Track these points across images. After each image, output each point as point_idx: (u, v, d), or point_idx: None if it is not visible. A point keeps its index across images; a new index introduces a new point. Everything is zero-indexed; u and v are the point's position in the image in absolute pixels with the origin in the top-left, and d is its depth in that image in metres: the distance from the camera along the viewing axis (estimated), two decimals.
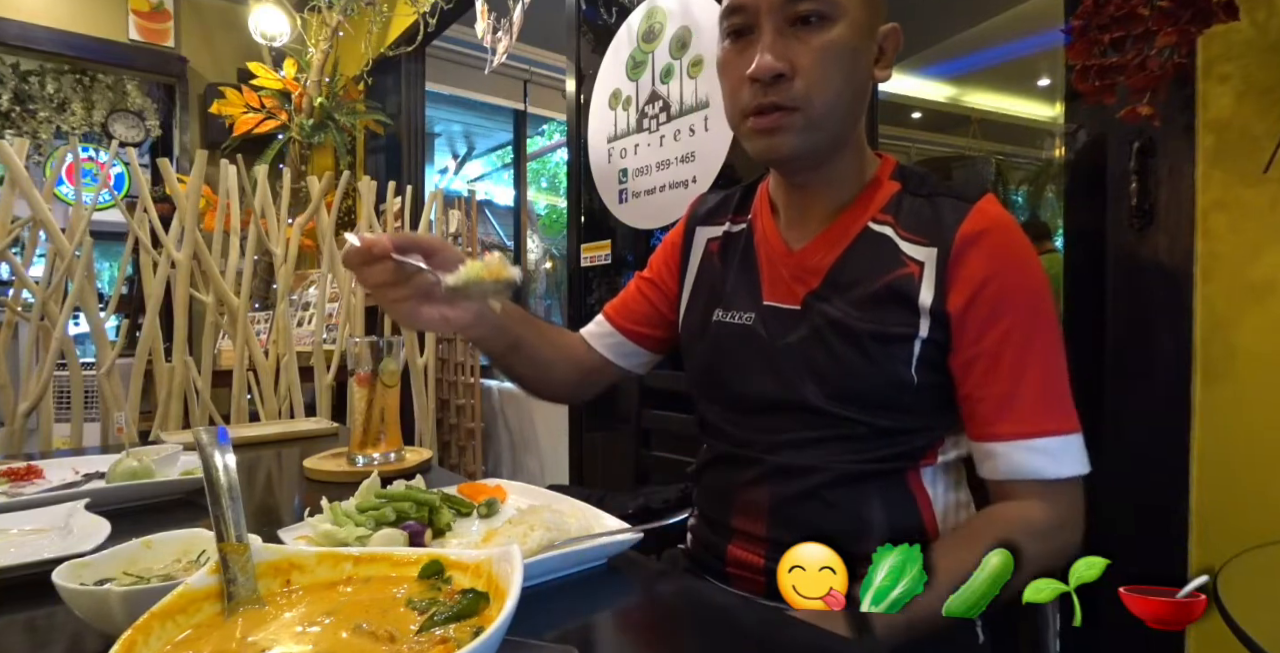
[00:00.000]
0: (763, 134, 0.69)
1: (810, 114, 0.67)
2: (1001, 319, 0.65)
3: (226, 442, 0.41)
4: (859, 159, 0.75)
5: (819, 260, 0.73)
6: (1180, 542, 0.90)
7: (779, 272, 0.76)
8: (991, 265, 0.65)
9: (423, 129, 3.33)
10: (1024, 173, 5.83)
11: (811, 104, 0.67)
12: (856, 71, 0.69)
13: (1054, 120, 5.68)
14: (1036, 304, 0.66)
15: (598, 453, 2.11)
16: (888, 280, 0.68)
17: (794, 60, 0.66)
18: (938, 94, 5.39)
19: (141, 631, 0.33)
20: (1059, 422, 0.64)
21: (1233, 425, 0.87)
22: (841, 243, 0.72)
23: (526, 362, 0.83)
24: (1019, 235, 0.68)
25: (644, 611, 0.56)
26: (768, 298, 0.76)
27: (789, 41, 0.66)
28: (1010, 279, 0.65)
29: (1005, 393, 0.65)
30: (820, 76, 0.66)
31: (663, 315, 0.89)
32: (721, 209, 0.87)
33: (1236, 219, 0.86)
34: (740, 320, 0.77)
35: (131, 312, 3.70)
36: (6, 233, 1.48)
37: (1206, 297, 0.89)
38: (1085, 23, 0.80)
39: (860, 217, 0.72)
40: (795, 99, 0.66)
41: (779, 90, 0.66)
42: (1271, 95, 0.82)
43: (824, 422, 0.70)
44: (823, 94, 0.67)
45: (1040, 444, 0.64)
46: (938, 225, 0.68)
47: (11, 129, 4.02)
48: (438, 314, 0.66)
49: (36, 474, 0.85)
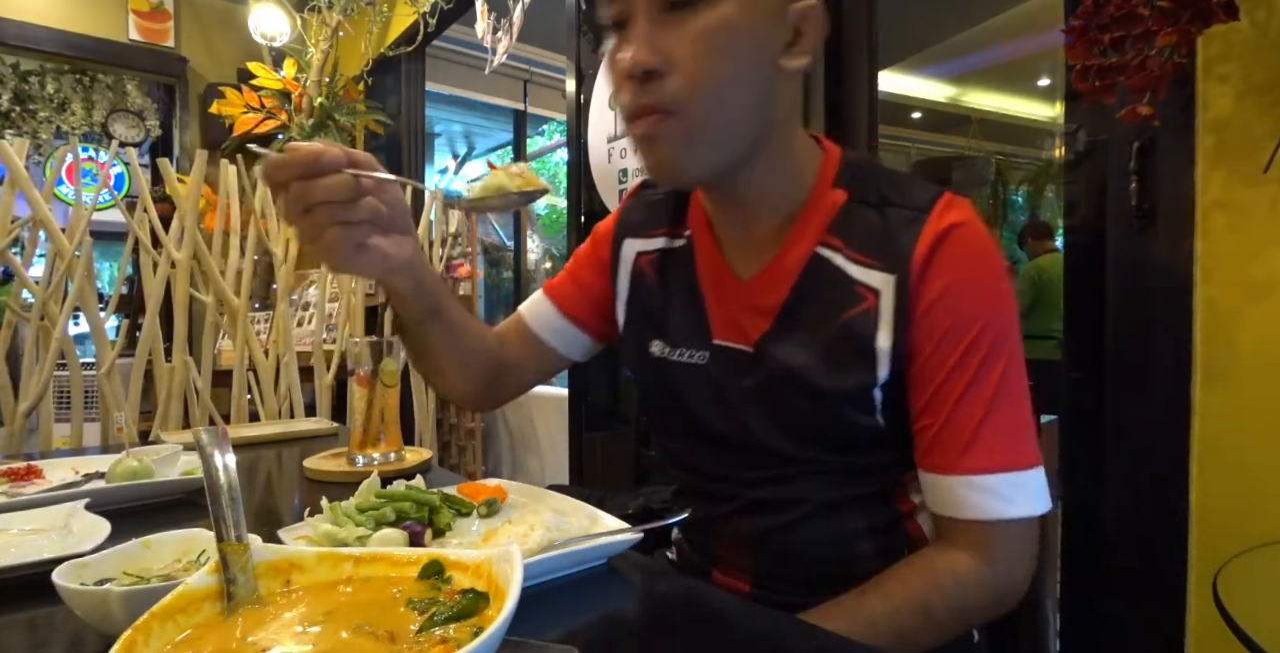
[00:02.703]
0: (641, 144, 0.59)
1: (691, 118, 0.56)
2: (957, 345, 0.58)
3: (226, 441, 0.41)
4: (789, 165, 0.64)
5: (770, 297, 0.65)
6: (1180, 542, 0.90)
7: (729, 307, 0.68)
8: (950, 286, 0.58)
9: (423, 129, 3.34)
10: (1024, 173, 5.84)
11: (691, 106, 0.56)
12: (753, 61, 0.57)
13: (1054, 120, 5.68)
14: (998, 331, 0.59)
15: (597, 453, 2.11)
16: (844, 320, 0.61)
17: (670, 52, 0.55)
18: (938, 94, 5.39)
19: (141, 630, 0.32)
20: (1011, 457, 0.58)
21: (1233, 426, 0.87)
22: (792, 274, 0.64)
23: (445, 336, 0.71)
24: (980, 245, 0.60)
25: (644, 611, 0.56)
26: (718, 336, 0.68)
27: (665, 30, 0.55)
28: (968, 302, 0.58)
29: (951, 423, 0.58)
30: (700, 70, 0.55)
31: (603, 311, 0.80)
32: (654, 218, 0.76)
33: (1236, 219, 0.86)
34: (692, 359, 0.69)
35: (131, 312, 3.70)
36: (6, 233, 1.48)
37: (1207, 297, 0.89)
38: (1085, 23, 0.80)
39: (807, 238, 0.63)
40: (672, 100, 0.56)
41: (652, 90, 0.56)
42: (1271, 95, 0.82)
43: (795, 461, 0.65)
44: (705, 92, 0.55)
45: (983, 482, 0.57)
46: (891, 245, 0.60)
47: (11, 129, 4.03)
48: (380, 251, 0.54)
49: (36, 474, 0.85)
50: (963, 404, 0.58)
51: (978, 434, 0.58)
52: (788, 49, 0.59)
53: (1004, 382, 0.58)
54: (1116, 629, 0.99)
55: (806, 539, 0.66)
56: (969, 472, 0.58)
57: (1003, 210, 5.60)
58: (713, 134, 0.58)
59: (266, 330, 2.05)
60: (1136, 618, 0.96)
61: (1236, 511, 0.86)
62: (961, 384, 0.58)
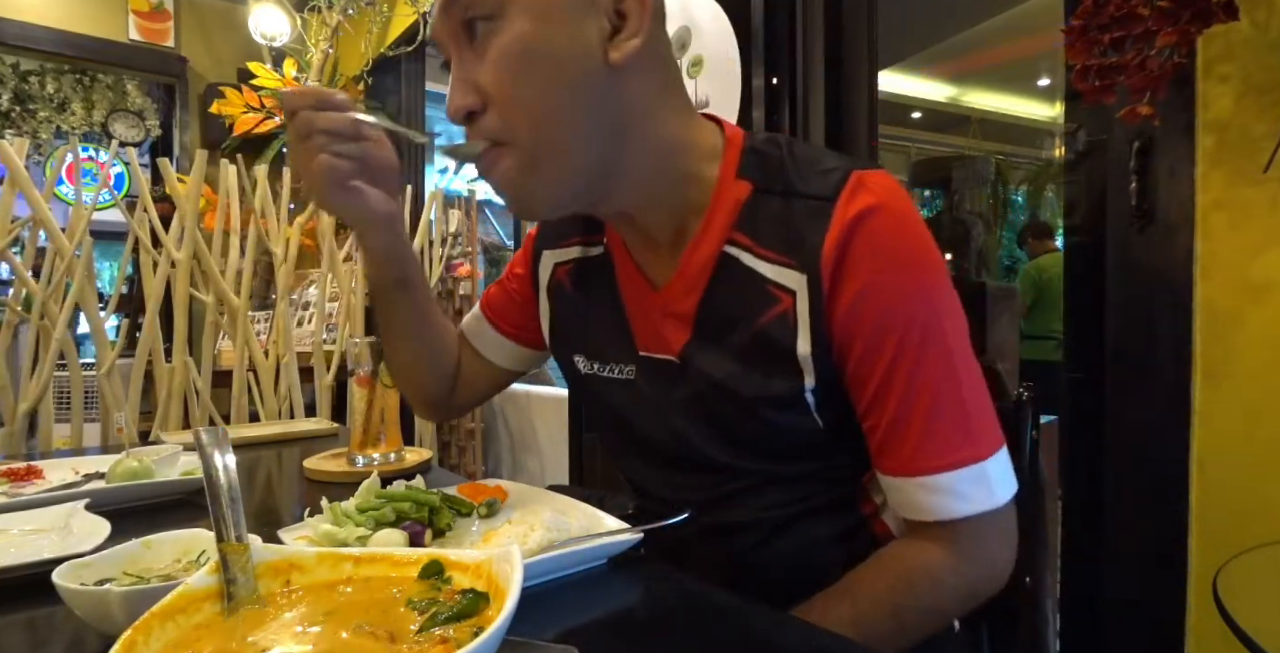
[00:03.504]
0: (489, 182, 0.56)
1: (521, 146, 0.53)
2: (886, 342, 0.54)
3: (226, 441, 0.41)
4: (665, 163, 0.58)
5: (684, 303, 0.61)
6: (1180, 542, 0.90)
7: (649, 316, 0.65)
8: (868, 285, 0.54)
9: (422, 129, 3.34)
10: (1024, 173, 5.84)
11: (518, 134, 0.53)
12: (568, 71, 0.52)
13: (1054, 120, 5.68)
14: (927, 321, 0.54)
15: (597, 453, 2.10)
16: (760, 325, 0.57)
17: (482, 85, 0.52)
18: (938, 94, 5.40)
19: (142, 630, 0.33)
20: (964, 450, 0.54)
21: (1233, 426, 0.87)
22: (703, 277, 0.60)
23: (411, 314, 0.73)
24: (894, 231, 0.55)
25: (644, 611, 0.56)
26: (643, 348, 0.65)
27: (474, 64, 0.53)
28: (890, 298, 0.54)
29: (898, 422, 0.55)
30: (508, 98, 0.52)
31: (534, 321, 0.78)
32: (568, 227, 0.72)
33: (1236, 219, 0.86)
34: (620, 374, 0.67)
35: (131, 312, 3.70)
36: (6, 233, 1.48)
37: (1206, 297, 0.89)
38: (1085, 23, 0.80)
39: (711, 238, 0.59)
40: (498, 134, 0.53)
41: (479, 128, 0.54)
42: (1271, 95, 0.82)
43: (741, 475, 0.63)
44: (522, 120, 0.52)
45: (938, 482, 0.54)
46: (800, 241, 0.55)
47: (11, 129, 4.03)
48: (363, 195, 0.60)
49: (36, 474, 0.85)
50: (906, 401, 0.55)
51: (926, 432, 0.55)
52: (612, 39, 0.53)
53: (946, 372, 0.55)
54: (1116, 629, 0.99)
55: (773, 558, 0.64)
56: (922, 473, 0.55)
57: (1003, 210, 5.60)
58: (550, 157, 0.54)
59: (266, 330, 2.05)
60: (1136, 618, 0.96)
61: (1236, 510, 0.86)
62: (900, 381, 0.55)
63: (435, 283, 2.32)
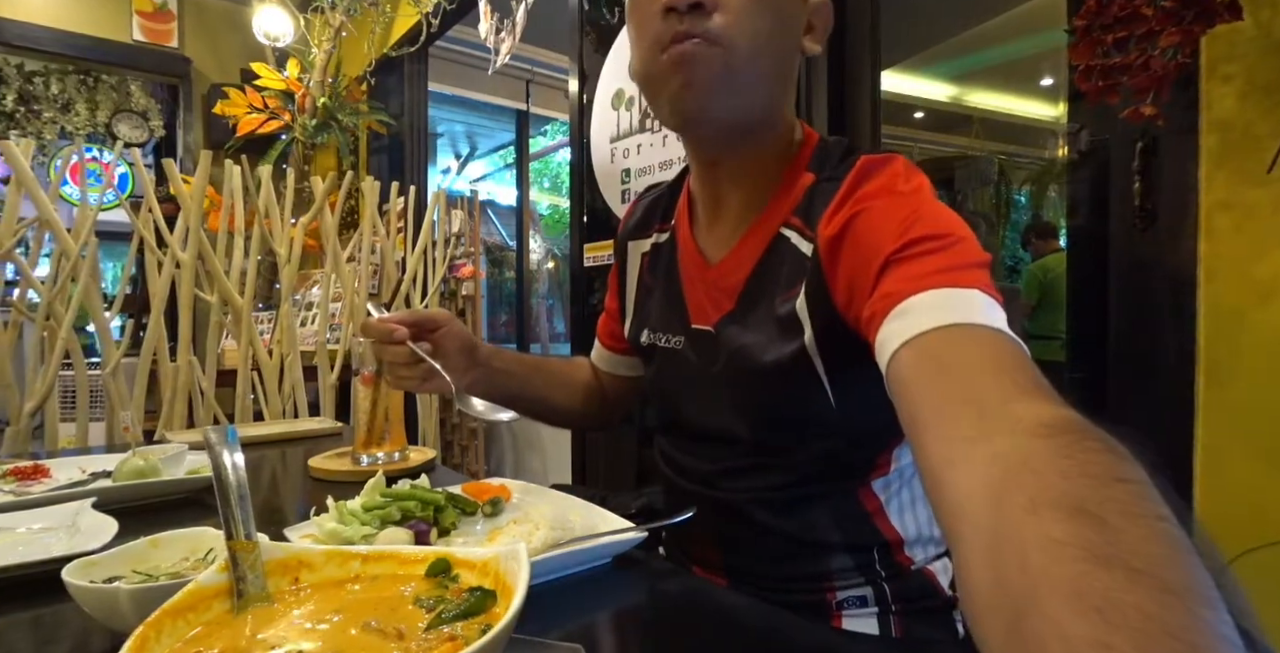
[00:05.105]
0: (678, 67, 0.58)
1: (732, 53, 0.58)
2: (880, 248, 0.51)
3: (235, 440, 0.42)
4: (782, 144, 0.66)
5: (733, 278, 0.66)
6: None
7: (700, 290, 0.70)
8: (852, 208, 0.55)
9: (425, 129, 3.34)
10: (1027, 172, 5.82)
11: (734, 42, 0.58)
12: (786, 27, 0.61)
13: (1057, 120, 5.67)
14: (930, 226, 0.51)
15: (600, 452, 2.11)
16: (789, 295, 0.61)
17: None
18: (940, 94, 5.38)
19: (153, 627, 0.33)
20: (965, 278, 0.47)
21: (1236, 426, 0.87)
22: (755, 255, 0.65)
23: (533, 405, 0.87)
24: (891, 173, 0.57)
25: (649, 609, 0.56)
26: (694, 320, 0.71)
27: None
28: (875, 213, 0.54)
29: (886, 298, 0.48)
30: (744, 12, 0.58)
31: None
32: (648, 219, 0.81)
33: (1240, 219, 0.86)
34: (672, 344, 0.73)
35: (136, 311, 3.71)
36: (13, 234, 1.49)
37: (1210, 297, 0.89)
38: (1088, 23, 0.80)
39: (774, 219, 0.64)
40: (715, 34, 0.57)
41: (696, 21, 0.57)
42: (1275, 95, 0.82)
43: (753, 451, 0.66)
44: (746, 33, 0.58)
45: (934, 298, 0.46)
46: (817, 213, 0.60)
47: (16, 130, 4.04)
48: (439, 383, 0.74)
49: (43, 473, 0.85)
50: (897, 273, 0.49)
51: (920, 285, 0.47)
52: (807, 33, 0.64)
53: (953, 265, 0.47)
54: None
55: (772, 538, 0.66)
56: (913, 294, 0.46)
57: (1006, 210, 5.59)
58: (744, 76, 0.59)
59: (270, 330, 2.06)
60: None
61: (1240, 511, 0.86)
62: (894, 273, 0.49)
63: (438, 283, 2.32)
